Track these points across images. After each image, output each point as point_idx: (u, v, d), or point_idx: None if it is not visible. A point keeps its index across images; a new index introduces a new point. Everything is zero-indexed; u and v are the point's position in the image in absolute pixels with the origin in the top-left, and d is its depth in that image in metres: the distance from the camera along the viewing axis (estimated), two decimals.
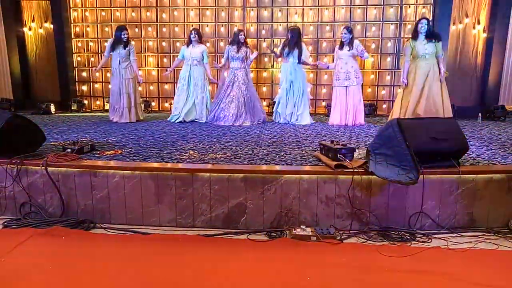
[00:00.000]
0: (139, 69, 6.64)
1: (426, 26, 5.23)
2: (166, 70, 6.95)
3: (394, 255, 2.43)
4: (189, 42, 6.29)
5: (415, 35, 5.33)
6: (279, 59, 6.45)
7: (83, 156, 3.31)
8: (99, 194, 2.99)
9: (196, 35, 6.19)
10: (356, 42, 5.77)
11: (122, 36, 5.97)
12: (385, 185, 2.84)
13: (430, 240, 2.68)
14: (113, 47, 6.04)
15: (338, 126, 5.70)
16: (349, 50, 5.69)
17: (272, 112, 6.64)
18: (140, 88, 7.01)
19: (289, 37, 6.05)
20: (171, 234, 2.80)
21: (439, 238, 2.71)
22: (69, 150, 3.33)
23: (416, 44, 5.27)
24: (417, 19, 7.32)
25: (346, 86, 5.77)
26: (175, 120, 6.17)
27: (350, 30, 5.71)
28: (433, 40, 5.24)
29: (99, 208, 3.01)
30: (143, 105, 6.99)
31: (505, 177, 2.89)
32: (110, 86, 6.32)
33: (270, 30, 7.74)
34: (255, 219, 2.91)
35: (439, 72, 5.26)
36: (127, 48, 6.06)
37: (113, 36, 6.28)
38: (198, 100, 6.22)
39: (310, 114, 6.40)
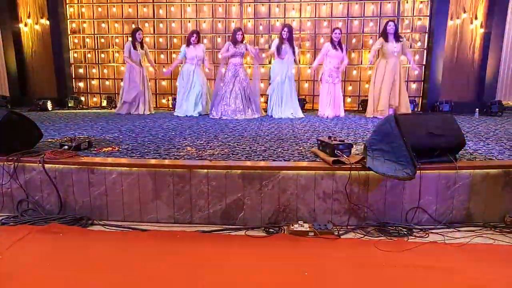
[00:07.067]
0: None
1: (394, 28, 6.02)
2: (165, 69, 7.15)
3: (391, 250, 2.45)
4: (189, 43, 6.48)
5: (385, 37, 6.03)
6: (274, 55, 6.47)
7: (81, 153, 3.30)
8: (96, 191, 2.99)
9: (197, 37, 6.55)
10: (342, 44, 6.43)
11: (137, 36, 6.62)
12: (382, 181, 2.85)
13: (427, 235, 2.69)
14: (134, 47, 6.66)
15: (330, 117, 6.23)
16: (339, 51, 6.26)
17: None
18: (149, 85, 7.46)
19: (285, 33, 6.13)
20: (169, 231, 2.80)
21: (436, 233, 2.72)
22: (66, 147, 3.32)
23: (387, 44, 6.05)
24: (415, 14, 7.38)
25: (335, 83, 6.34)
26: (182, 115, 6.49)
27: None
28: (400, 40, 6.07)
29: (96, 205, 3.00)
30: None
31: (502, 172, 2.90)
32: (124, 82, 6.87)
33: (267, 25, 7.72)
34: (253, 215, 2.91)
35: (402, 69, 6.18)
36: (144, 49, 6.77)
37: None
38: (204, 95, 6.60)
39: (308, 109, 6.58)
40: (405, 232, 2.71)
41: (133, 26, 7.87)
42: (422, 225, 2.84)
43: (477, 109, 6.61)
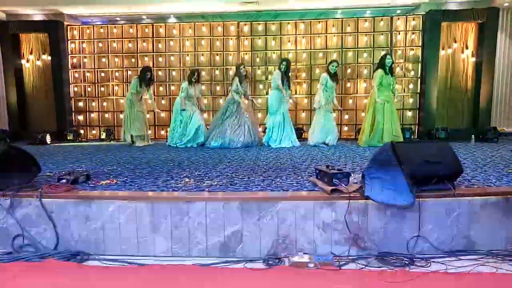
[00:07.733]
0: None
1: (391, 61, 6.18)
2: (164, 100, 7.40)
3: (394, 281, 2.39)
4: (190, 81, 6.66)
5: (384, 69, 6.16)
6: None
7: (78, 187, 3.29)
8: (93, 225, 2.95)
9: (197, 77, 6.76)
10: None
11: (145, 76, 6.80)
12: (381, 209, 2.84)
13: (429, 264, 2.64)
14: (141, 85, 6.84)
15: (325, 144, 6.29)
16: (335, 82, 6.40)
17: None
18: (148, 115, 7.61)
19: (283, 66, 6.30)
20: (167, 265, 2.75)
21: (438, 262, 2.68)
22: (64, 180, 3.31)
23: (386, 76, 6.16)
24: (407, 45, 7.58)
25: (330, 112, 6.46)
26: (182, 146, 6.56)
27: None
28: (393, 75, 6.28)
29: (93, 239, 2.96)
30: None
31: (501, 199, 2.89)
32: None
33: (264, 57, 7.91)
34: (252, 247, 2.87)
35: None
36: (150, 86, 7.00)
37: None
38: (202, 127, 6.72)
39: (305, 138, 6.70)
40: (407, 262, 2.67)
41: (133, 60, 8.08)
42: (423, 254, 2.80)
43: (473, 136, 6.67)
